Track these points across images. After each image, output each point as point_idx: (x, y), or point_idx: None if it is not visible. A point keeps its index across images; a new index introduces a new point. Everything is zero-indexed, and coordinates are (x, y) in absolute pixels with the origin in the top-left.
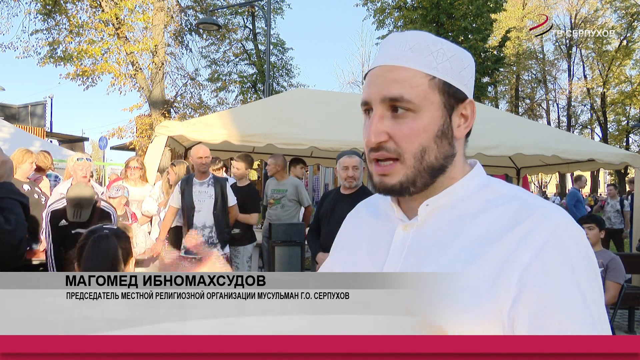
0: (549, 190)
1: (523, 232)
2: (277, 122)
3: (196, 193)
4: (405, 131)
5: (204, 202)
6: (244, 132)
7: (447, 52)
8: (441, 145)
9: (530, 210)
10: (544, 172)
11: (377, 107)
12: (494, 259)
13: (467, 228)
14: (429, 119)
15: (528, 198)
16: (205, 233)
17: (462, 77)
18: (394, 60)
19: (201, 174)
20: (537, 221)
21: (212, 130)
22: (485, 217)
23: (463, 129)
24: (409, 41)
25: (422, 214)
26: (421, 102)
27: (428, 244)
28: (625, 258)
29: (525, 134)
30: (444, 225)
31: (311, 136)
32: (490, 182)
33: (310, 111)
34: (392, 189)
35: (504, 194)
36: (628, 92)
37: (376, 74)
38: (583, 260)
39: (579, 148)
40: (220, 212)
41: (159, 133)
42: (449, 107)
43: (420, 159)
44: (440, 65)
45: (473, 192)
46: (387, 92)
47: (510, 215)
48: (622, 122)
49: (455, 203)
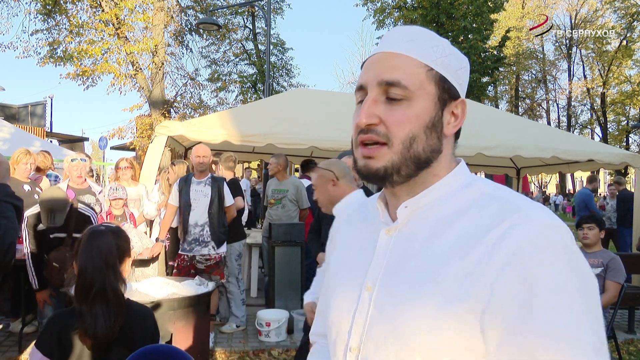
0: (549, 190)
1: (501, 232)
2: (277, 122)
3: (193, 192)
4: (397, 117)
5: (199, 201)
6: (244, 132)
7: (446, 49)
8: (430, 138)
9: (510, 211)
10: (544, 172)
11: (372, 91)
12: (472, 262)
13: (447, 230)
14: (421, 108)
15: (510, 198)
16: (196, 231)
17: (458, 76)
18: (394, 48)
19: (200, 173)
20: (514, 222)
21: (212, 130)
22: (466, 218)
23: (452, 127)
24: (410, 33)
25: (401, 216)
26: (417, 90)
27: (407, 247)
28: (625, 258)
29: (525, 134)
30: (424, 228)
31: (311, 136)
32: (474, 181)
33: (310, 111)
34: (376, 173)
35: (487, 194)
36: (628, 92)
37: (375, 60)
38: (566, 265)
39: (579, 148)
40: (216, 212)
41: (159, 133)
42: (442, 102)
43: (408, 146)
44: (439, 60)
45: (455, 192)
46: (385, 75)
47: (492, 215)
48: (622, 122)
49: (436, 203)
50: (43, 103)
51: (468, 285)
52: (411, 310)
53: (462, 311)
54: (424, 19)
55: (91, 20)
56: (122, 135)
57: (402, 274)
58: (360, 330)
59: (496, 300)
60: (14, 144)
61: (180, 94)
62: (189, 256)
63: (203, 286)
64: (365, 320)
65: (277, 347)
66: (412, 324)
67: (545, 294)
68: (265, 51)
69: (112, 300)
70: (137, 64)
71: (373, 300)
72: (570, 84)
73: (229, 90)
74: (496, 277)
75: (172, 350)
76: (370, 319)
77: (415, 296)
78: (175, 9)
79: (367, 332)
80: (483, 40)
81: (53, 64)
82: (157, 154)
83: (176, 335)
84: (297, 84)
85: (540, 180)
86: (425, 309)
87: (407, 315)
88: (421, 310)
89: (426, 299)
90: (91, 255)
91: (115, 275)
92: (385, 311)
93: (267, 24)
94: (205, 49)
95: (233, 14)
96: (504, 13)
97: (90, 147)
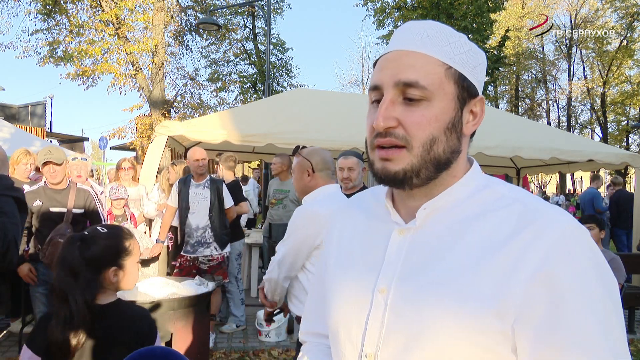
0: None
1: (527, 240)
2: (277, 122)
3: (192, 194)
4: (416, 118)
5: (198, 204)
6: (244, 132)
7: (464, 45)
8: (450, 139)
9: (534, 215)
10: (544, 172)
11: (389, 91)
12: (497, 268)
13: (467, 233)
14: (441, 109)
15: (530, 201)
16: (198, 234)
17: (477, 73)
18: (410, 46)
19: (198, 175)
20: (541, 227)
21: (212, 130)
22: (486, 221)
23: (472, 125)
24: (427, 29)
25: (420, 219)
26: (436, 90)
27: (426, 250)
28: (625, 258)
29: (525, 134)
30: (442, 230)
31: (311, 136)
32: (490, 182)
33: (310, 111)
34: (395, 177)
35: (505, 196)
36: (628, 92)
37: (390, 58)
38: (594, 268)
39: (579, 148)
40: (217, 215)
41: (159, 133)
42: (462, 101)
43: (428, 148)
44: (458, 57)
45: (473, 193)
46: (403, 76)
47: (513, 220)
48: (622, 122)
49: (454, 205)
50: (43, 103)
51: (496, 292)
52: (434, 315)
53: (491, 317)
54: (424, 19)
55: (91, 20)
56: (122, 135)
57: (421, 278)
58: (376, 335)
59: (527, 308)
60: (14, 144)
61: (180, 94)
62: (191, 257)
63: (203, 286)
64: (382, 324)
65: (277, 347)
66: (435, 329)
67: (575, 301)
68: (265, 51)
69: (75, 309)
70: (137, 64)
71: (389, 304)
72: (570, 84)
73: (229, 90)
74: (526, 285)
75: (171, 353)
76: (388, 324)
77: (437, 300)
78: (175, 9)
79: (385, 337)
80: (483, 40)
81: (53, 64)
82: (157, 154)
83: (176, 335)
84: (297, 84)
85: (540, 180)
86: (449, 314)
87: (429, 321)
88: (444, 315)
89: (450, 304)
90: (57, 263)
91: (84, 282)
92: (404, 316)
93: (267, 24)
94: (205, 49)
95: (233, 14)
96: (504, 13)
97: (90, 147)
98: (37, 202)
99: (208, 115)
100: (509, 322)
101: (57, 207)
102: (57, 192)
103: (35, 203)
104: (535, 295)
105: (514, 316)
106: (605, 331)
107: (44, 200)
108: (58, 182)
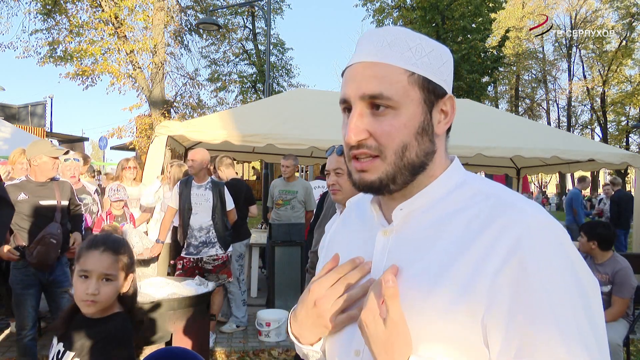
0: (549, 190)
1: (493, 234)
2: (277, 122)
3: (194, 196)
4: (385, 128)
5: (200, 205)
6: (244, 132)
7: (426, 47)
8: (422, 142)
9: (504, 209)
10: (544, 172)
11: (357, 105)
12: (467, 264)
13: (443, 231)
14: (409, 116)
15: (502, 195)
16: (202, 234)
17: (442, 73)
18: (372, 57)
19: (199, 177)
20: (509, 220)
21: (212, 130)
22: (461, 218)
23: (443, 124)
24: (387, 37)
25: (396, 219)
26: (401, 99)
27: (406, 249)
28: (625, 258)
29: (525, 134)
30: (420, 230)
31: (311, 136)
32: (468, 178)
33: (310, 111)
34: (371, 185)
35: (481, 191)
36: (628, 92)
37: (354, 71)
38: (563, 259)
39: (579, 148)
40: (219, 217)
41: (159, 133)
42: (429, 103)
43: (401, 155)
44: (420, 61)
45: (449, 191)
46: (367, 89)
47: (484, 215)
48: (622, 122)
49: (431, 204)
50: (43, 103)
51: (468, 285)
52: (413, 314)
53: (464, 312)
54: (423, 19)
55: (91, 20)
56: (122, 135)
57: (402, 276)
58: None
59: (497, 299)
60: (14, 144)
61: (180, 94)
62: (194, 259)
63: (203, 286)
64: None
65: (277, 347)
66: (415, 327)
67: (544, 290)
68: (265, 51)
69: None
70: (137, 64)
71: None
72: (570, 84)
73: (228, 90)
74: (492, 279)
75: (188, 353)
76: None
77: (416, 298)
78: (175, 8)
79: None
80: (482, 40)
81: (53, 64)
82: (159, 154)
83: (176, 335)
84: (297, 84)
85: (540, 180)
86: (427, 311)
87: (410, 319)
88: (422, 313)
89: (428, 302)
90: None
91: None
92: None
93: (267, 24)
94: (205, 49)
95: (233, 14)
96: (503, 13)
97: (90, 147)
98: (22, 195)
99: (208, 115)
100: (478, 318)
101: (45, 200)
102: (41, 185)
103: (20, 197)
104: (502, 287)
105: (483, 311)
106: (574, 315)
107: (30, 194)
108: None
